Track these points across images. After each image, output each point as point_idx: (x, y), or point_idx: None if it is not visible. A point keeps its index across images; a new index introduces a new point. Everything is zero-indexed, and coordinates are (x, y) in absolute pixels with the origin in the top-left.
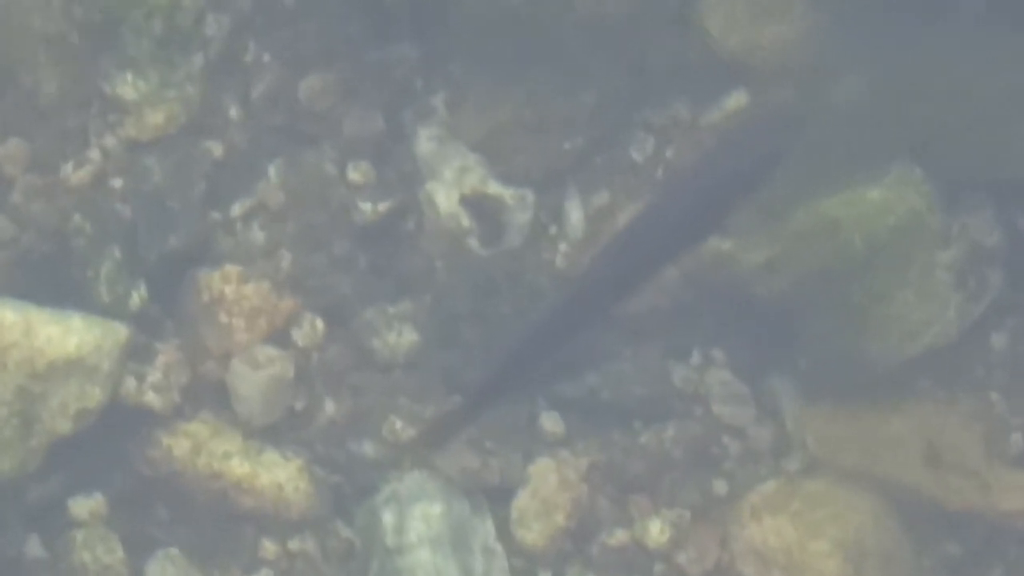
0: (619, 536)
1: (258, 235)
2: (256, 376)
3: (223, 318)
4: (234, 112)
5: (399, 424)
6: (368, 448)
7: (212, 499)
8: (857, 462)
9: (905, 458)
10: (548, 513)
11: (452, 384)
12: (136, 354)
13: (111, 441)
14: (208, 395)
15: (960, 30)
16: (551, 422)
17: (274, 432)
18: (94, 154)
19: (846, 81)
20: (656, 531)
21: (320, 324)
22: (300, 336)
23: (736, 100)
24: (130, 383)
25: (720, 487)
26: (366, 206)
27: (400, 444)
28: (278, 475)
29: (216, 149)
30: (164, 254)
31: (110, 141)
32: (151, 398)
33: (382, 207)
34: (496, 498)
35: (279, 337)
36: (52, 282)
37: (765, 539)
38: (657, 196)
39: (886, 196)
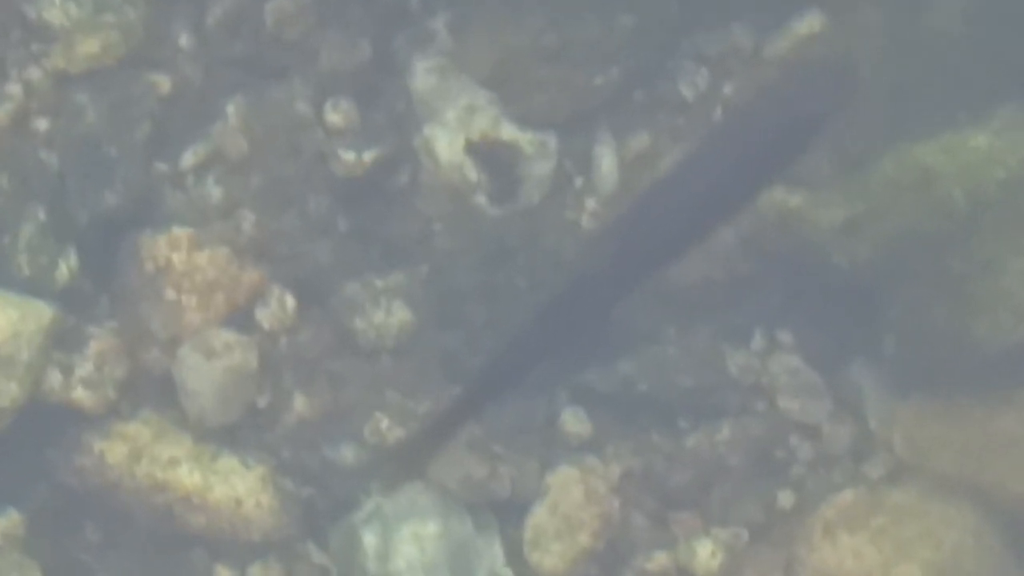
0: (659, 560)
1: (214, 191)
2: (210, 367)
3: (170, 294)
4: (185, 40)
5: (386, 423)
6: (347, 453)
7: (155, 516)
8: (955, 468)
9: (1016, 463)
10: (571, 532)
11: (453, 373)
12: (63, 340)
13: (30, 447)
14: (151, 390)
15: None
16: (575, 421)
17: (232, 434)
18: (14, 89)
19: (943, 3)
20: (706, 554)
21: (291, 301)
22: (266, 316)
23: (809, 24)
24: (54, 377)
25: (786, 499)
26: (348, 155)
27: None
28: (236, 487)
29: (163, 84)
30: (98, 214)
31: (34, 74)
32: (80, 395)
33: (368, 156)
34: (507, 514)
35: (240, 318)
36: None
37: (841, 562)
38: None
39: (994, 143)
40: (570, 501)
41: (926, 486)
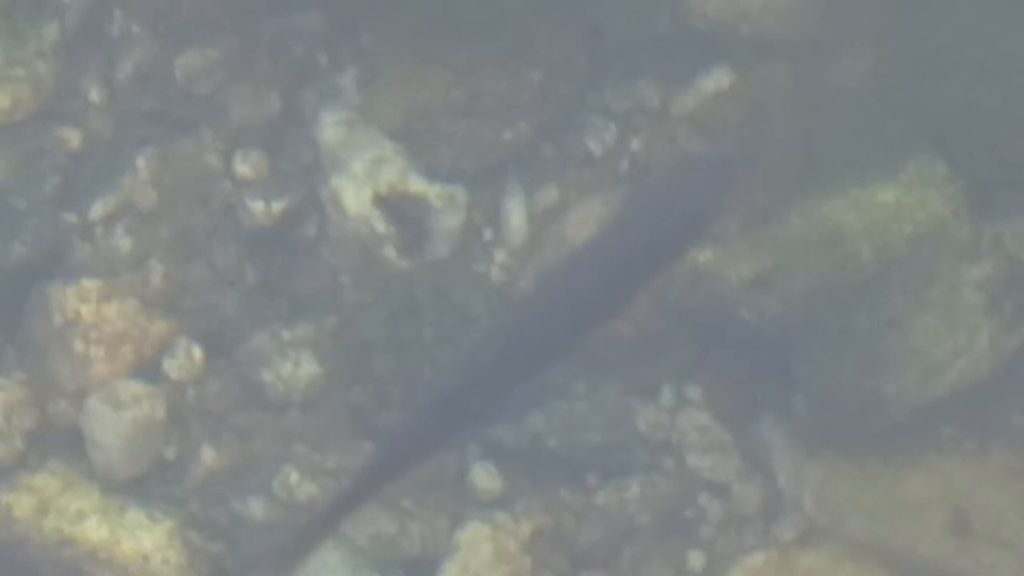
0: None
1: (123, 242)
2: (117, 418)
3: (78, 345)
4: (95, 94)
5: (295, 477)
6: (256, 507)
7: (62, 572)
8: (866, 530)
9: (926, 526)
10: None
11: (361, 427)
12: None
13: None
14: (59, 441)
15: None
16: (485, 477)
17: (140, 486)
18: None
19: (852, 56)
20: None
21: (198, 352)
22: (173, 367)
23: (716, 81)
24: None
25: (696, 560)
26: (256, 206)
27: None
28: (143, 542)
29: (73, 138)
30: (6, 265)
31: None
32: None
33: (276, 207)
34: (416, 571)
35: (148, 369)
36: None
37: None
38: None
39: (902, 198)
40: (480, 559)
41: (837, 548)
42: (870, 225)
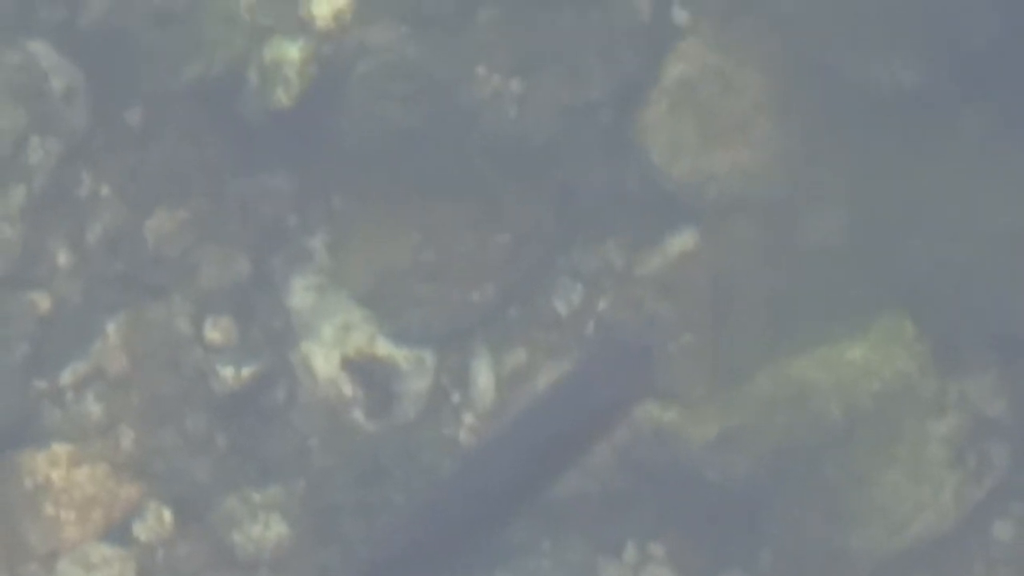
0: None
1: (94, 408)
2: None
3: (49, 509)
4: (64, 258)
5: None
6: None
7: None
8: None
9: None
10: None
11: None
12: None
13: None
14: None
15: (961, 155)
16: None
17: None
18: None
19: (819, 215)
20: None
21: (168, 515)
22: (143, 530)
23: (682, 242)
24: None
25: None
26: (227, 371)
27: None
28: None
29: (42, 303)
30: None
31: None
32: None
33: (246, 372)
34: None
35: (118, 533)
36: None
37: None
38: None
39: (869, 356)
40: None
41: None
42: (838, 382)
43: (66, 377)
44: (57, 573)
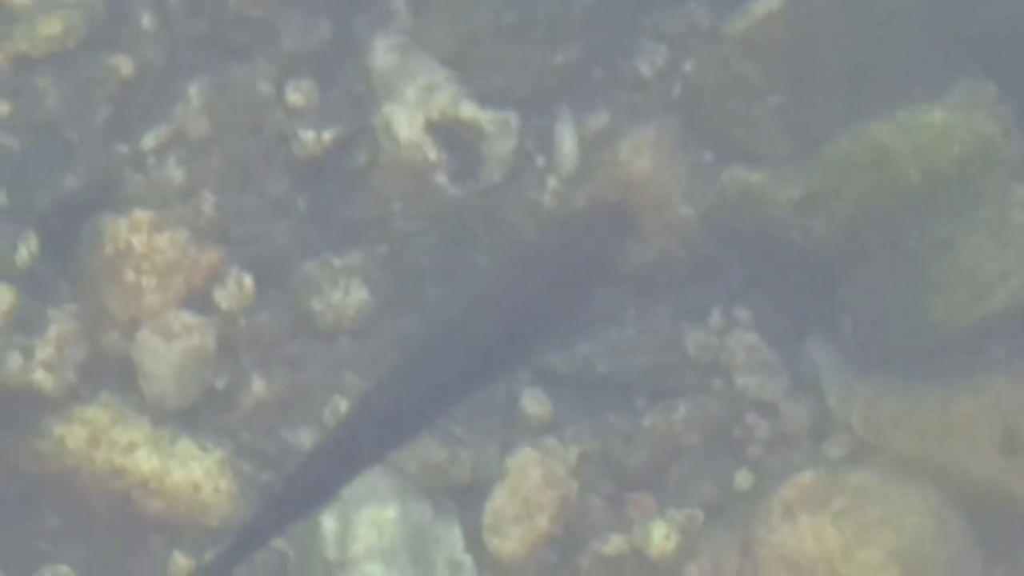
0: (615, 543)
1: (175, 172)
2: (169, 349)
3: (130, 276)
4: (147, 21)
5: (345, 407)
6: (306, 437)
7: (112, 502)
8: (915, 449)
9: (975, 444)
10: (529, 516)
11: (411, 354)
12: (23, 323)
13: None
14: (110, 373)
15: None
16: (535, 403)
17: (190, 416)
18: None
19: None
20: (660, 536)
21: (248, 282)
22: (224, 297)
23: (767, 4)
24: (14, 360)
25: (743, 479)
26: (308, 135)
27: None
28: (194, 472)
29: (124, 66)
30: (59, 197)
31: None
32: (40, 378)
33: (328, 136)
34: (466, 499)
35: (198, 299)
36: None
37: (801, 545)
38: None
39: (949, 120)
40: (529, 484)
41: (886, 468)
42: (918, 147)
43: (148, 141)
44: (138, 342)
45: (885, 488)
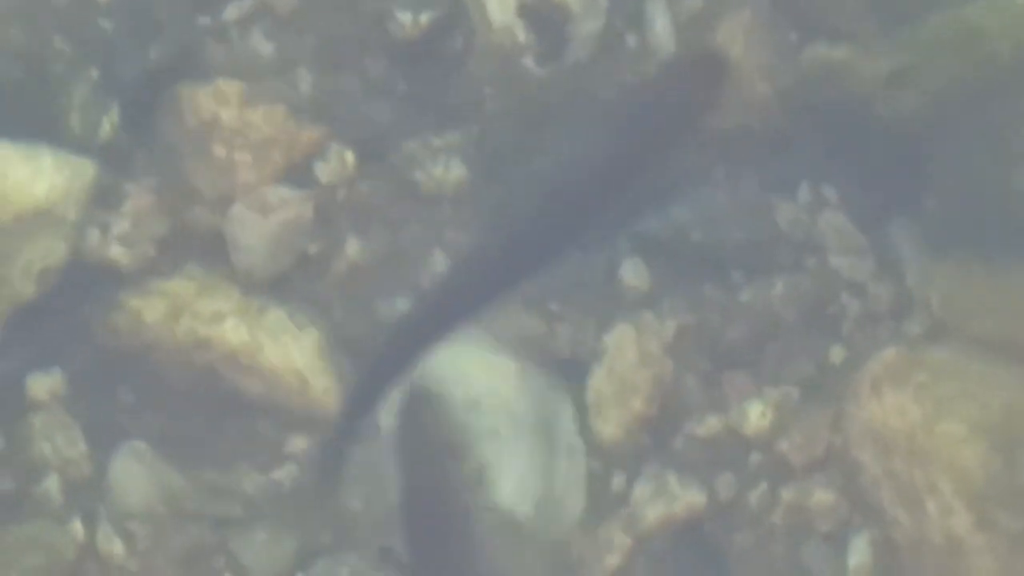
0: (710, 424)
1: (263, 46)
2: (265, 222)
3: (220, 151)
4: None
5: (442, 266)
6: (403, 307)
7: (196, 377)
8: (996, 328)
9: None
10: (625, 397)
11: (499, 223)
12: (103, 198)
13: (72, 307)
14: (195, 247)
15: None
16: (634, 273)
17: (280, 287)
18: None
19: None
20: (756, 416)
21: (351, 157)
22: (325, 171)
23: None
24: (93, 235)
25: (837, 355)
26: (405, 17)
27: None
28: (289, 350)
29: None
30: (142, 69)
31: None
32: (117, 253)
33: (424, 19)
34: (566, 374)
35: (296, 175)
36: (26, 113)
37: (886, 419)
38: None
39: None
40: (625, 362)
41: (967, 345)
42: (1008, 24)
43: (230, 13)
44: (231, 216)
45: (964, 365)
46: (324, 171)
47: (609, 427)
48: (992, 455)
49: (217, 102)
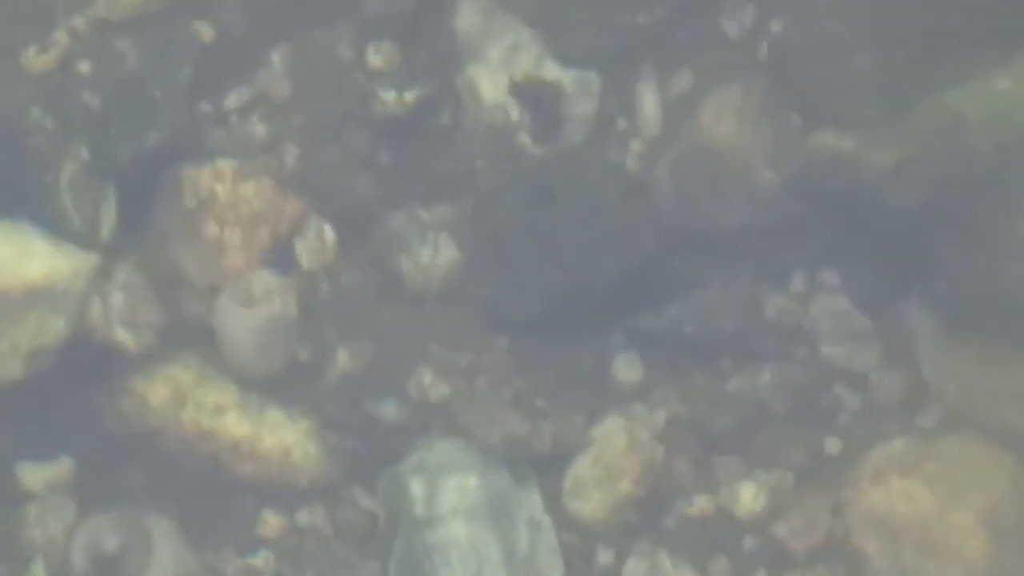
0: (701, 504)
1: (258, 128)
2: (251, 316)
3: (211, 229)
4: None
5: (429, 378)
6: (389, 410)
7: (202, 464)
8: (1001, 417)
9: None
10: (611, 480)
11: (497, 321)
12: (104, 278)
13: (76, 389)
14: (191, 335)
15: None
16: (628, 368)
17: (275, 387)
18: (60, 36)
19: None
20: (748, 497)
21: (330, 233)
22: (305, 250)
23: None
24: (96, 314)
25: (833, 445)
26: (388, 95)
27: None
28: (284, 437)
29: (205, 32)
30: (140, 152)
31: (79, 22)
32: (121, 334)
33: (410, 96)
34: (547, 467)
35: (280, 257)
36: (7, 186)
37: (892, 506)
38: None
39: (1016, 87)
40: (613, 451)
41: (982, 437)
42: (987, 116)
43: (230, 102)
44: (218, 308)
45: (975, 452)
46: (304, 250)
47: (590, 506)
48: (989, 545)
49: (214, 179)
